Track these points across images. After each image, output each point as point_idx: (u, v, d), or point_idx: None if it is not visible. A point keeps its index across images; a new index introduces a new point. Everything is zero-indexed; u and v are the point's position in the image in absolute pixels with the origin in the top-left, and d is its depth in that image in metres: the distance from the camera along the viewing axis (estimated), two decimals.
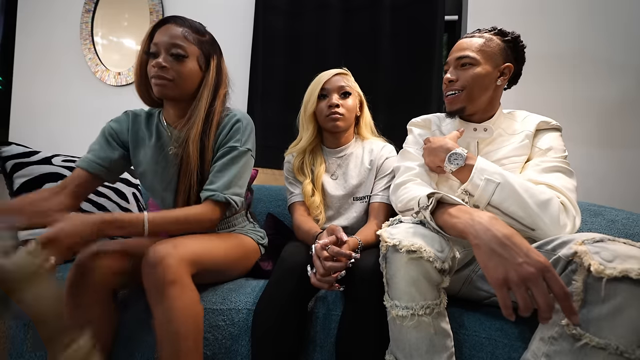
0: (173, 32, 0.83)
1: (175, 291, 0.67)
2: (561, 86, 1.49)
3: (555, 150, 0.79)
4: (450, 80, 0.85)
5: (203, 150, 0.86)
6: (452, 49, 0.89)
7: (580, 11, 1.49)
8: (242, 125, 0.89)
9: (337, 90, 1.03)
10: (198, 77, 0.87)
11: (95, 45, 1.82)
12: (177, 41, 0.82)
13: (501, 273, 0.52)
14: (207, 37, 0.89)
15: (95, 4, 1.82)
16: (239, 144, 0.88)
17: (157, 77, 0.82)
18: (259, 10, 1.63)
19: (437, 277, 0.63)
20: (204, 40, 0.88)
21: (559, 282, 0.50)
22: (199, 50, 0.86)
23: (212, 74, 0.88)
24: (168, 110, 0.91)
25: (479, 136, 0.87)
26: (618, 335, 0.51)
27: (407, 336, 0.64)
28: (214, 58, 0.89)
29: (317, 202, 1.03)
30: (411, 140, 0.97)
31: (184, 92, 0.86)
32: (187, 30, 0.84)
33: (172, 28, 0.83)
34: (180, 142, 0.85)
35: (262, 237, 1.05)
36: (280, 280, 0.79)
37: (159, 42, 0.82)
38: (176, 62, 0.83)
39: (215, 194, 0.83)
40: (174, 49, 0.82)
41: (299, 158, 1.08)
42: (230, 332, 0.80)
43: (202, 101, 0.86)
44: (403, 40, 1.52)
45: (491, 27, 0.87)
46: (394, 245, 0.63)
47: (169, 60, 0.82)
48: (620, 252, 0.52)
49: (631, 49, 1.45)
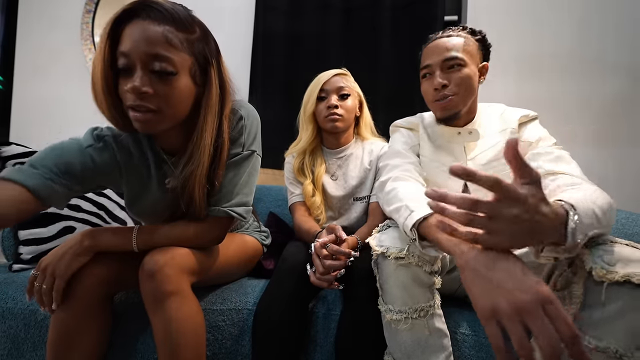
0: (150, 35, 0.56)
1: (174, 302, 0.64)
2: (555, 85, 1.49)
3: (545, 139, 0.78)
4: (443, 85, 0.79)
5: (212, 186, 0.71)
6: (430, 51, 0.82)
7: (575, 11, 1.49)
8: (245, 124, 0.73)
9: (336, 91, 1.02)
10: (192, 94, 0.64)
11: (96, 46, 1.82)
12: (159, 50, 0.57)
13: (488, 301, 0.42)
14: (198, 31, 0.64)
15: (96, 4, 1.82)
16: (240, 148, 0.73)
17: (135, 109, 0.58)
18: (259, 10, 1.63)
19: (428, 279, 0.63)
20: (195, 38, 0.62)
21: (564, 318, 0.39)
22: (191, 57, 0.62)
23: (214, 89, 0.65)
24: (163, 136, 0.71)
25: (465, 140, 0.84)
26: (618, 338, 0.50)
27: (403, 339, 0.64)
28: (212, 64, 0.65)
29: (317, 203, 1.03)
30: (399, 139, 0.93)
31: (176, 120, 0.64)
32: (169, 28, 0.58)
33: (148, 27, 0.57)
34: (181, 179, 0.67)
35: (266, 237, 1.04)
36: (281, 280, 0.79)
37: (130, 51, 0.56)
38: (161, 83, 0.58)
39: (213, 209, 0.72)
40: (156, 64, 0.57)
41: (299, 159, 1.08)
42: (231, 332, 0.80)
43: (206, 133, 0.65)
44: (403, 40, 1.52)
45: (461, 25, 0.84)
46: (382, 253, 0.64)
47: (148, 81, 0.57)
48: (622, 255, 0.51)
49: (625, 48, 1.46)
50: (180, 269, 0.66)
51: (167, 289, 0.63)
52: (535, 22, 1.51)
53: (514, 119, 0.83)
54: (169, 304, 0.63)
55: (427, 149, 0.89)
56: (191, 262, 0.69)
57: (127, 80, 0.58)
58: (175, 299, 0.64)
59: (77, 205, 1.06)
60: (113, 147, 0.71)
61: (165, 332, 0.63)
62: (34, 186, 0.59)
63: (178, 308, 0.64)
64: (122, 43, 0.58)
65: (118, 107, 0.62)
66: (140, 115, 0.59)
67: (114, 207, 1.15)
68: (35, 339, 0.81)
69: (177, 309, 0.64)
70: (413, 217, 0.60)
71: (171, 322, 0.63)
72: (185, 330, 0.64)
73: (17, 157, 1.02)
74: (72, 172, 0.65)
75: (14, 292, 0.84)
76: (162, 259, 0.65)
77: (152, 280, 0.64)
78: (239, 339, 0.80)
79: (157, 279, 0.63)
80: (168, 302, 0.63)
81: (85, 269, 0.67)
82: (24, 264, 0.96)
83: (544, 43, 1.50)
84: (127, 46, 0.57)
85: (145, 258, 0.67)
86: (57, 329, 0.66)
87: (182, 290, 0.66)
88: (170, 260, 0.65)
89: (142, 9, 0.58)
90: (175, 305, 0.64)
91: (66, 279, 0.64)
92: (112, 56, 0.59)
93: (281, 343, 0.73)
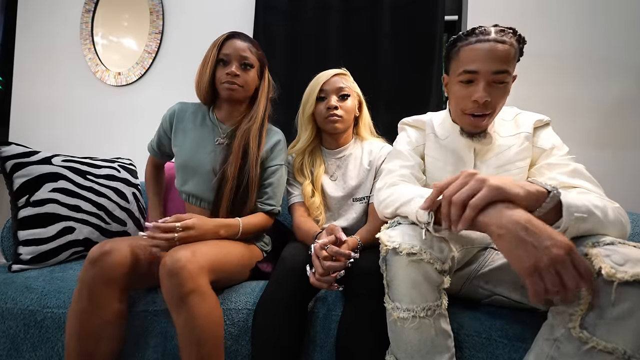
0: (241, 46, 0.97)
1: (196, 300, 0.68)
2: (561, 86, 1.49)
3: (558, 147, 0.77)
4: (485, 101, 0.73)
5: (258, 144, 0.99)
6: (479, 54, 0.72)
7: (579, 11, 1.49)
8: (282, 145, 1.05)
9: (335, 92, 1.02)
10: (255, 84, 1.03)
11: (95, 45, 1.81)
12: (246, 53, 0.97)
13: (532, 260, 0.50)
14: (261, 51, 1.04)
15: (96, 4, 1.82)
16: (282, 162, 1.04)
17: (229, 83, 0.96)
18: (259, 10, 1.62)
19: (438, 278, 0.63)
20: (260, 53, 1.03)
21: (583, 261, 0.50)
22: (259, 62, 1.01)
23: (266, 82, 1.05)
24: (221, 109, 1.04)
25: (475, 144, 0.81)
26: (626, 339, 0.50)
27: (408, 338, 0.63)
28: (266, 69, 1.05)
29: (317, 203, 1.02)
30: (404, 139, 0.92)
31: (247, 95, 1.02)
32: (250, 44, 0.99)
33: (240, 42, 0.97)
34: (231, 134, 0.99)
35: (267, 244, 1.06)
36: (281, 280, 0.79)
37: (230, 53, 0.96)
38: (244, 71, 0.98)
39: (274, 208, 1.01)
40: (243, 60, 0.97)
41: (298, 159, 1.08)
42: (230, 332, 0.80)
43: (261, 104, 1.03)
44: (403, 40, 1.52)
45: (510, 28, 0.74)
46: (393, 249, 0.63)
47: (239, 69, 0.97)
48: (631, 255, 0.51)
49: (631, 49, 1.45)
50: (200, 267, 0.70)
51: (189, 287, 0.68)
52: (536, 23, 1.50)
53: (529, 123, 0.81)
54: (191, 301, 0.67)
55: (432, 149, 0.88)
56: (210, 260, 0.74)
57: (225, 69, 0.97)
58: (196, 296, 0.68)
59: (77, 206, 1.06)
60: (178, 107, 1.07)
61: (189, 329, 0.68)
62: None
63: (199, 305, 0.68)
64: (224, 48, 0.97)
65: (208, 85, 0.99)
66: (232, 86, 0.96)
67: (114, 207, 1.15)
68: (35, 340, 0.81)
69: (198, 306, 0.68)
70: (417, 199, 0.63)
71: (193, 320, 0.67)
72: (207, 326, 0.68)
73: (17, 157, 1.02)
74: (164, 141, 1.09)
75: (14, 293, 0.84)
76: (183, 257, 0.69)
77: (174, 278, 0.68)
78: (239, 339, 0.80)
79: (180, 276, 0.67)
80: (190, 300, 0.67)
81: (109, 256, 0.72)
82: (23, 264, 0.96)
83: (546, 44, 1.49)
84: (228, 50, 0.97)
85: (166, 256, 0.70)
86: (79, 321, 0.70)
87: (203, 287, 0.70)
88: (192, 258, 0.70)
89: (236, 34, 1.00)
90: (196, 303, 0.68)
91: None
92: (217, 57, 0.97)
93: (281, 343, 0.73)
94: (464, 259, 0.78)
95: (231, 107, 1.03)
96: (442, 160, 0.86)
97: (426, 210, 0.61)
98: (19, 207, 0.99)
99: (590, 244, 0.55)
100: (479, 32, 0.74)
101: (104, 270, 0.72)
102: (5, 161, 1.01)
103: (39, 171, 1.03)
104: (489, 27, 0.75)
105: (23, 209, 0.99)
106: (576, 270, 0.49)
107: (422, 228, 0.63)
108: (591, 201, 0.58)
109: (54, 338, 0.80)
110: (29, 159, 1.04)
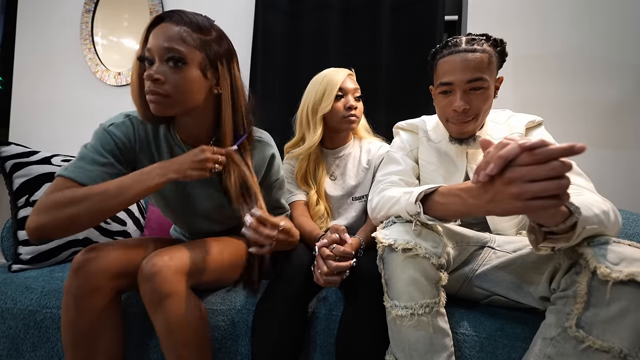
0: (168, 33, 0.67)
1: (172, 303, 0.66)
2: (559, 87, 1.49)
3: None
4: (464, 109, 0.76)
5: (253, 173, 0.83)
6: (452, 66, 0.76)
7: (577, 11, 1.49)
8: (277, 159, 0.91)
9: (352, 92, 1.02)
10: (203, 87, 0.72)
11: (95, 45, 1.81)
12: (173, 44, 0.66)
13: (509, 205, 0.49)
14: (214, 34, 0.72)
15: (95, 4, 1.82)
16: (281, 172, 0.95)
17: (149, 93, 0.68)
18: (259, 10, 1.62)
19: (435, 274, 0.63)
20: (209, 39, 0.71)
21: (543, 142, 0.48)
22: (203, 53, 0.70)
23: (226, 84, 0.74)
24: (180, 125, 0.79)
25: (468, 147, 0.83)
26: (622, 338, 0.50)
27: (407, 336, 0.64)
28: (222, 62, 0.73)
29: (321, 211, 1.02)
30: (397, 144, 0.95)
31: (187, 107, 0.71)
32: (185, 28, 0.68)
33: (168, 27, 0.67)
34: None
35: None
36: (281, 280, 0.79)
37: (152, 46, 0.67)
38: (172, 72, 0.67)
39: (287, 212, 0.99)
40: (169, 54, 0.67)
41: (302, 166, 1.06)
42: (230, 332, 0.80)
43: (226, 125, 0.75)
44: (403, 40, 1.52)
45: (484, 35, 0.78)
46: (389, 245, 0.64)
47: (162, 70, 0.67)
48: (626, 254, 0.52)
49: (629, 50, 1.45)
50: (177, 270, 0.68)
51: (164, 291, 0.66)
52: (536, 23, 1.50)
53: (521, 124, 0.82)
54: (167, 304, 0.66)
55: (425, 153, 0.90)
56: (188, 264, 0.71)
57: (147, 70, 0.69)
58: (172, 300, 0.66)
59: None
60: (134, 124, 0.77)
61: (166, 332, 0.66)
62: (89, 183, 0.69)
63: (176, 308, 0.66)
64: (149, 40, 0.69)
65: (143, 96, 0.71)
66: (153, 98, 0.68)
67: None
68: (35, 340, 0.81)
69: (174, 310, 0.66)
70: (414, 194, 0.63)
71: (170, 323, 0.66)
72: (185, 329, 0.67)
73: (16, 157, 1.02)
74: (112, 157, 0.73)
75: (14, 293, 0.84)
76: (159, 261, 0.67)
77: (150, 282, 0.66)
78: (239, 339, 0.80)
79: (155, 281, 0.66)
80: (167, 304, 0.66)
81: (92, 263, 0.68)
82: (23, 264, 0.96)
83: (545, 44, 1.49)
84: (151, 42, 0.68)
85: (143, 261, 0.69)
86: (72, 332, 0.67)
87: (180, 291, 0.68)
88: (169, 262, 0.68)
89: (168, 15, 0.70)
90: (173, 306, 0.66)
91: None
92: (142, 52, 0.71)
93: (281, 343, 0.73)
94: (460, 258, 0.78)
95: (186, 124, 0.78)
96: (435, 163, 0.88)
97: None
98: (19, 207, 0.99)
99: (586, 244, 0.55)
100: (452, 44, 0.78)
101: (88, 278, 0.67)
102: (5, 161, 1.01)
103: (39, 171, 1.03)
104: (461, 37, 0.78)
105: (23, 208, 0.99)
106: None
107: (412, 221, 0.65)
108: (600, 208, 0.57)
109: (54, 338, 0.80)
110: (28, 159, 1.04)
